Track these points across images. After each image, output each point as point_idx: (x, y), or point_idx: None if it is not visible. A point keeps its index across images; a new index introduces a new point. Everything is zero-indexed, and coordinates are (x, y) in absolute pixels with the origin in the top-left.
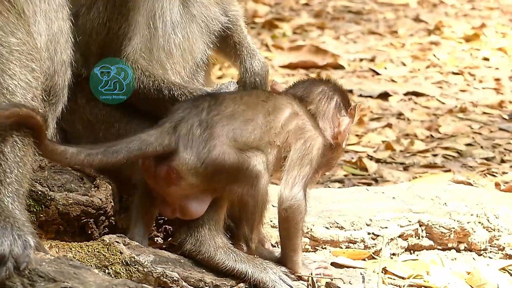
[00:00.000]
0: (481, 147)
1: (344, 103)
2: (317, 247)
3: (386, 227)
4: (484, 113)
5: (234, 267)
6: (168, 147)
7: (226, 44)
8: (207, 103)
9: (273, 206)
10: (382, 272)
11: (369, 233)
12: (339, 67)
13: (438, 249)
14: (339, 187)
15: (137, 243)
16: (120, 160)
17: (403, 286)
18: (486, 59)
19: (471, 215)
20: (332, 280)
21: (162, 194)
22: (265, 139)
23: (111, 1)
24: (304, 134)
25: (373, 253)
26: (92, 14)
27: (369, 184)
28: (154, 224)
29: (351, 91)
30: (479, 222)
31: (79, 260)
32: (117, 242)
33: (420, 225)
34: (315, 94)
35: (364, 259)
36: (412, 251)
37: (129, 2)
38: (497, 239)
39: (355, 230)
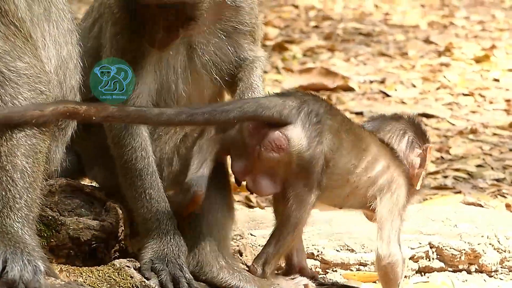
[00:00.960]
0: (492, 168)
1: (417, 140)
2: (327, 270)
3: None
4: (495, 134)
5: (238, 285)
6: (286, 118)
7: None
8: (324, 103)
9: None
10: None
11: None
12: (349, 89)
13: (449, 271)
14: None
15: None
16: (230, 119)
17: None
18: (496, 80)
19: (482, 236)
20: None
21: (254, 158)
22: (352, 179)
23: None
24: (392, 186)
25: None
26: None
27: None
28: None
29: (361, 113)
30: (490, 244)
31: (89, 285)
32: (128, 266)
33: (430, 247)
34: (386, 131)
35: (375, 282)
36: (423, 273)
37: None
38: (508, 261)
39: (365, 252)
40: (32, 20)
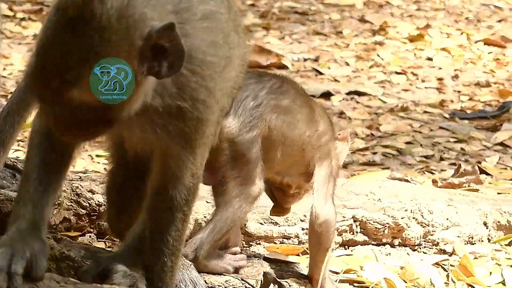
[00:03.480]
0: (421, 145)
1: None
2: (251, 243)
3: None
4: (425, 112)
5: None
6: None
7: None
8: (270, 83)
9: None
10: None
11: (303, 229)
12: (282, 67)
13: (373, 244)
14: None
15: (69, 239)
16: None
17: (337, 281)
18: (429, 59)
19: (405, 210)
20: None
21: None
22: (306, 148)
23: None
24: (331, 153)
25: (306, 248)
26: None
27: None
28: (87, 220)
29: None
30: (413, 218)
31: None
32: (48, 237)
33: (354, 221)
34: None
35: (298, 254)
36: (346, 247)
37: None
38: (431, 234)
39: (289, 225)
40: None
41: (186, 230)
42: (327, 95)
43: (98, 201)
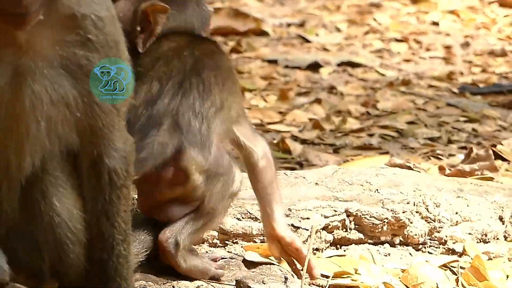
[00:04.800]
0: (425, 125)
1: None
2: (227, 241)
3: (307, 218)
4: (430, 86)
5: None
6: (175, 148)
7: None
8: (195, 89)
9: None
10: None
11: (289, 225)
12: (262, 33)
13: (369, 243)
14: None
15: None
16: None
17: (326, 286)
18: (435, 23)
19: (407, 203)
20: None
21: (158, 198)
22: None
23: None
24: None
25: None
26: None
27: (292, 169)
28: None
29: (275, 62)
30: (417, 212)
31: None
32: None
33: (347, 215)
34: None
35: None
36: (338, 246)
37: None
38: (438, 231)
39: None
40: None
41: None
42: (315, 66)
43: None
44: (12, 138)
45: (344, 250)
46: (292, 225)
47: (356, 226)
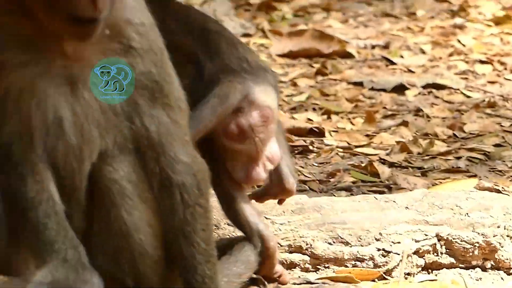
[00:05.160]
0: None
1: None
2: (318, 266)
3: (398, 242)
4: None
5: None
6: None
7: None
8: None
9: None
10: None
11: (379, 249)
12: (347, 55)
13: (460, 267)
14: (346, 195)
15: None
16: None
17: None
18: None
19: (498, 227)
20: None
21: (252, 150)
22: None
23: None
24: None
25: (384, 272)
26: None
27: (381, 192)
28: None
29: (361, 84)
30: (508, 236)
31: None
32: None
33: (438, 240)
34: None
35: (373, 280)
36: (430, 270)
37: None
38: None
39: (362, 246)
40: None
41: (212, 228)
42: (400, 88)
43: None
44: (70, 145)
45: (436, 275)
46: (384, 249)
47: (447, 250)
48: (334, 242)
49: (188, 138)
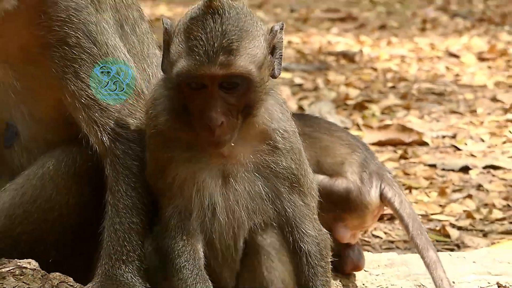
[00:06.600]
0: None
1: None
2: None
3: None
4: None
5: None
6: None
7: None
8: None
9: None
10: None
11: None
12: (423, 143)
13: None
14: None
15: None
16: None
17: None
18: None
19: None
20: None
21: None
22: None
23: None
24: None
25: None
26: None
27: (452, 250)
28: None
29: (435, 166)
30: None
31: None
32: None
33: (498, 286)
34: None
35: None
36: None
37: None
38: None
39: None
40: (145, 81)
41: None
42: (465, 169)
43: None
44: (222, 225)
45: None
46: None
47: None
48: None
49: (315, 217)
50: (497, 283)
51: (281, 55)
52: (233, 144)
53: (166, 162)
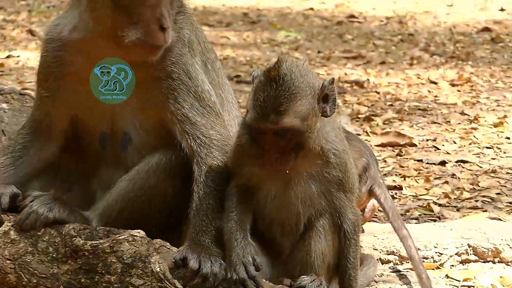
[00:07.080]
0: None
1: None
2: (402, 262)
3: (447, 248)
4: None
5: None
6: None
7: None
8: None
9: None
10: (445, 276)
11: (436, 252)
12: (413, 145)
13: (481, 262)
14: (415, 223)
15: None
16: None
17: (459, 286)
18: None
19: (502, 239)
20: None
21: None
22: None
23: None
24: None
25: (439, 265)
26: None
27: (434, 221)
28: None
29: (421, 161)
30: (507, 244)
31: None
32: None
33: (469, 247)
34: None
35: (433, 269)
36: (464, 263)
37: None
38: None
39: (427, 250)
40: (221, 104)
41: (359, 251)
42: (443, 163)
43: None
44: (286, 217)
45: (467, 266)
46: (439, 252)
47: (473, 253)
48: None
49: (353, 204)
50: (468, 244)
51: (335, 100)
52: (287, 172)
53: (243, 165)
